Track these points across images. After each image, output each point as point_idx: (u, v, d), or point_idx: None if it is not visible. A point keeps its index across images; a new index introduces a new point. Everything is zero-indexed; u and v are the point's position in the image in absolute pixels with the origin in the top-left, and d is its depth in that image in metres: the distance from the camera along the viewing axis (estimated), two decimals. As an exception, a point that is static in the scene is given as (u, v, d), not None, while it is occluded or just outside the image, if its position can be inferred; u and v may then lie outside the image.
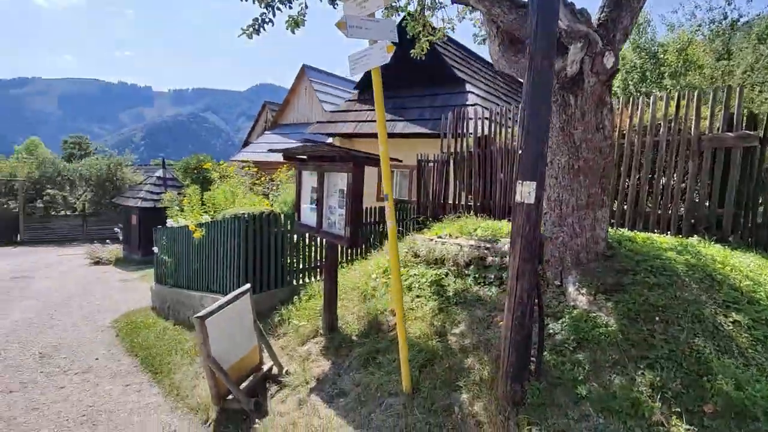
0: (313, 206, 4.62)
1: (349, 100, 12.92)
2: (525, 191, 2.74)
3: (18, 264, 14.53)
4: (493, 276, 4.29)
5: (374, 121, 11.17)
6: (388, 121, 10.93)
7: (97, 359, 5.85)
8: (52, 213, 22.18)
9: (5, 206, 21.09)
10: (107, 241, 17.25)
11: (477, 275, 4.39)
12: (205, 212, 8.03)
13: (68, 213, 22.59)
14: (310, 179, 4.75)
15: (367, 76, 11.94)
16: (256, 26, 4.42)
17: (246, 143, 22.35)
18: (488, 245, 4.65)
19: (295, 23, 4.85)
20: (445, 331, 3.87)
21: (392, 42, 2.99)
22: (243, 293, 4.25)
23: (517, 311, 2.78)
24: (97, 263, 15.08)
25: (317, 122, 13.23)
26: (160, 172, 16.94)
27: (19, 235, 20.79)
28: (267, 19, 4.41)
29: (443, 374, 3.37)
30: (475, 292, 4.21)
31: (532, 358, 2.96)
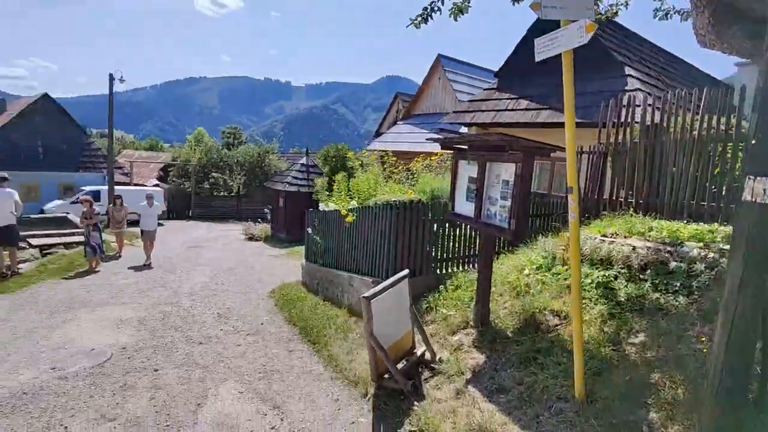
0: (471, 196, 4.55)
1: (488, 89, 12.52)
2: (759, 188, 2.30)
3: (191, 236, 17.23)
4: (678, 284, 3.76)
5: (514, 110, 10.74)
6: (532, 110, 10.36)
7: (262, 324, 6.62)
8: (214, 193, 25.91)
9: (182, 186, 25.25)
10: (258, 220, 19.45)
11: (656, 281, 3.90)
12: (351, 198, 8.51)
13: (226, 194, 26.15)
14: (468, 169, 4.68)
15: (507, 64, 11.50)
16: (425, 15, 4.46)
17: (378, 133, 23.22)
18: (670, 248, 4.10)
19: (459, 10, 4.77)
20: (620, 340, 3.52)
21: (592, 20, 2.73)
22: (402, 278, 4.39)
23: (736, 328, 2.37)
24: (250, 239, 17.17)
25: (453, 112, 13.09)
26: (304, 160, 18.47)
27: (190, 211, 24.72)
28: (436, 8, 4.42)
29: (623, 386, 3.07)
30: (656, 300, 3.74)
31: (750, 386, 2.52)
